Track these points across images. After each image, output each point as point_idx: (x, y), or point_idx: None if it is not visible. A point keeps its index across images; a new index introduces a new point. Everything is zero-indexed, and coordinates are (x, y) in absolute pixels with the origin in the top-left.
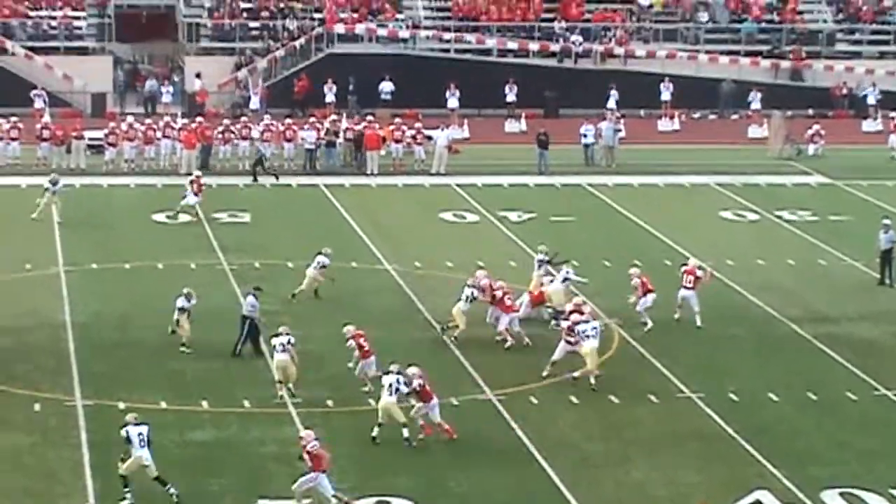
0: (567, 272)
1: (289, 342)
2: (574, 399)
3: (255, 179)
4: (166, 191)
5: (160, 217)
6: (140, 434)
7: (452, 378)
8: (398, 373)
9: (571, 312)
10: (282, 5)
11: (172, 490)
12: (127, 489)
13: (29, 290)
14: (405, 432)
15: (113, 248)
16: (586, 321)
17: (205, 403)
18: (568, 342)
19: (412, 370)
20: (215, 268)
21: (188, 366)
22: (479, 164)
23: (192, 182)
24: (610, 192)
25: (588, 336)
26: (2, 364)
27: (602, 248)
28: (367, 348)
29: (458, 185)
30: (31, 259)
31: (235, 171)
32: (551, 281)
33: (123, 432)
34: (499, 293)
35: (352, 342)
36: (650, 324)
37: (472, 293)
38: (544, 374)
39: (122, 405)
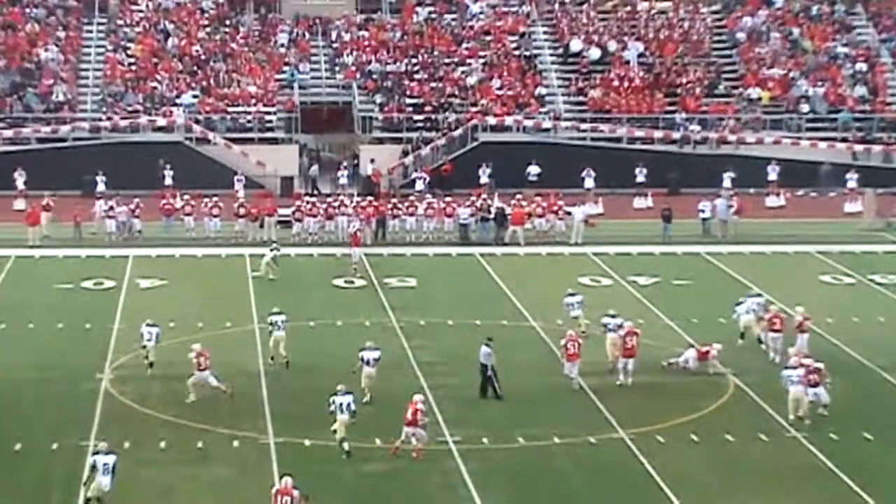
0: (756, 303)
1: (377, 359)
2: (695, 438)
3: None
4: (344, 259)
5: (339, 282)
6: (105, 463)
7: (589, 419)
8: (346, 393)
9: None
10: (442, 101)
11: None
12: None
13: (229, 344)
14: (346, 445)
15: (299, 308)
16: (794, 367)
17: (377, 440)
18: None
19: (418, 397)
20: (386, 325)
21: (361, 408)
22: (612, 236)
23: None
24: (724, 260)
25: (793, 381)
26: (206, 407)
27: (717, 309)
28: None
29: (593, 254)
30: (230, 318)
31: (404, 242)
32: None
33: (91, 460)
34: (569, 345)
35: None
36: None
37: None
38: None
39: (307, 442)
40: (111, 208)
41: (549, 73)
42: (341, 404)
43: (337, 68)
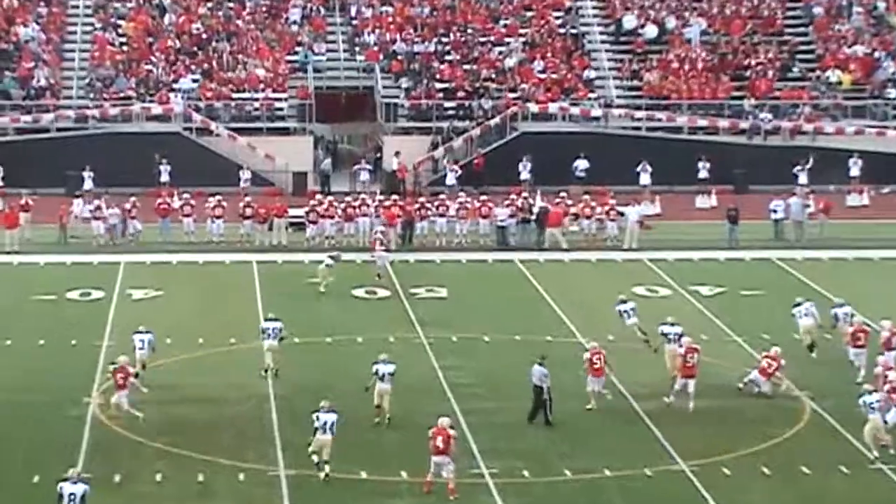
0: (842, 312)
1: (392, 373)
2: (766, 470)
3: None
4: (365, 266)
5: (360, 292)
6: (72, 493)
7: (645, 449)
8: (331, 411)
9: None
10: (477, 86)
11: None
12: None
13: (233, 363)
14: (327, 468)
15: (314, 322)
16: (870, 392)
17: (403, 474)
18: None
19: (445, 421)
20: (413, 341)
21: (385, 437)
22: (671, 239)
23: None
24: (799, 267)
25: (872, 409)
26: (208, 435)
27: (791, 322)
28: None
29: (649, 260)
30: (235, 334)
31: (433, 246)
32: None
33: (58, 488)
34: (594, 358)
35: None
36: None
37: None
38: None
39: (322, 475)
40: (98, 208)
41: (598, 53)
42: (325, 422)
43: (357, 49)
